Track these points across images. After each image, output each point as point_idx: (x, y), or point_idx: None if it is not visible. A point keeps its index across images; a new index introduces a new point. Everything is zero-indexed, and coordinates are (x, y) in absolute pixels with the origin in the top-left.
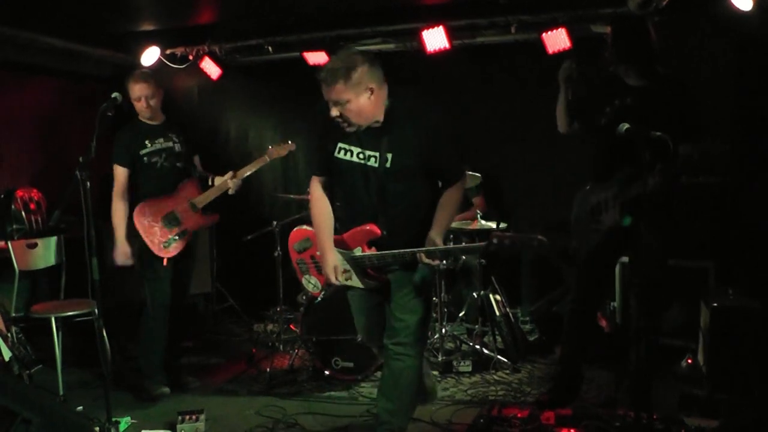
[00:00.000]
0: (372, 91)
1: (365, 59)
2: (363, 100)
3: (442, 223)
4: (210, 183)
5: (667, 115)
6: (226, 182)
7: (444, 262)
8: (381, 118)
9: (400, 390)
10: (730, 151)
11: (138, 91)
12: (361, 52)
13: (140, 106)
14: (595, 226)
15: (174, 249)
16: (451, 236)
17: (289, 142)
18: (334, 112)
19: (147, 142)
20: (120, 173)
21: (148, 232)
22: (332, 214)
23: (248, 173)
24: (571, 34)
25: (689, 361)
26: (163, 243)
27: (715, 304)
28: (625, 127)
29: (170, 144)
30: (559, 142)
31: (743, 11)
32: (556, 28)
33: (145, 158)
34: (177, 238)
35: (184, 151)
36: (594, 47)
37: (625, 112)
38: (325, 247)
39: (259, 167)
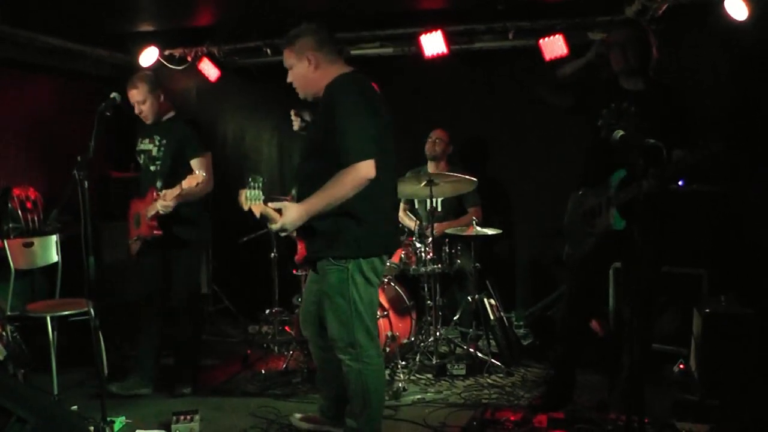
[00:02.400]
0: (311, 62)
1: (314, 32)
2: (303, 68)
3: (310, 199)
4: None
5: (662, 119)
6: (155, 204)
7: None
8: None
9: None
10: (726, 159)
11: (131, 97)
12: (318, 27)
13: (136, 110)
14: (589, 230)
15: (133, 249)
16: (447, 240)
17: (200, 172)
18: (289, 77)
19: (139, 140)
20: None
21: (130, 225)
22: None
23: (175, 195)
24: (569, 41)
25: (681, 366)
26: (131, 240)
27: (708, 311)
28: (619, 134)
29: (150, 146)
30: (557, 147)
31: (739, 20)
32: (554, 34)
33: (136, 156)
34: (135, 239)
35: (161, 155)
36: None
37: (621, 116)
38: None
39: (176, 194)
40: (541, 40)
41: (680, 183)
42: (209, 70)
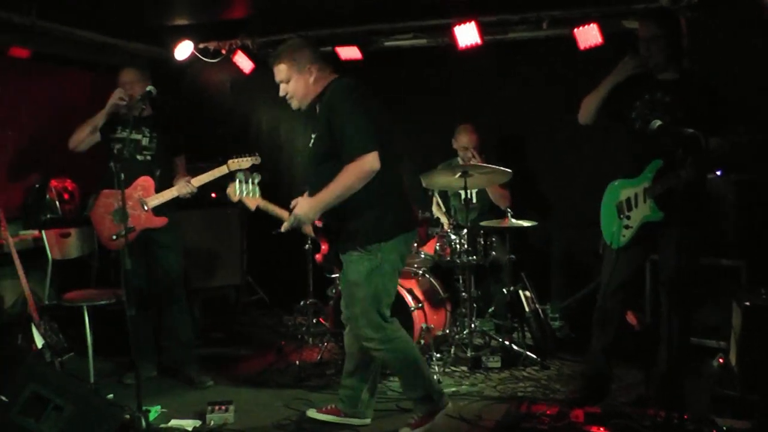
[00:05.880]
0: (312, 73)
1: (309, 44)
2: (304, 81)
3: (319, 195)
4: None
5: (697, 108)
6: (180, 187)
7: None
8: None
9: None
10: (763, 148)
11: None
12: (306, 39)
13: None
14: (626, 222)
15: (117, 245)
16: (482, 231)
17: (256, 155)
18: (281, 91)
19: (119, 129)
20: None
21: (101, 221)
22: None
23: (205, 182)
24: (603, 30)
25: (721, 360)
26: (112, 236)
27: (748, 303)
28: (657, 124)
29: (139, 137)
30: (592, 138)
31: None
32: (588, 23)
33: (111, 143)
34: (123, 233)
35: (154, 147)
36: (625, 43)
37: (656, 107)
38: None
39: (216, 177)
40: (575, 30)
41: (718, 173)
42: (243, 62)
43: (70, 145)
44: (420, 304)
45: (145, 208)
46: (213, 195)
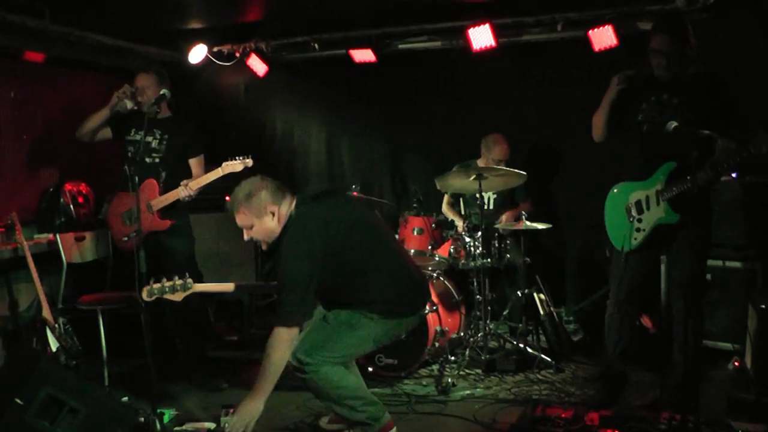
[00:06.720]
0: (275, 214)
1: (265, 185)
2: (268, 223)
3: (257, 386)
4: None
5: (705, 109)
6: (179, 191)
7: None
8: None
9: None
10: None
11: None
12: (261, 177)
13: (140, 99)
14: (636, 224)
15: (127, 246)
16: (496, 234)
17: (249, 157)
18: (245, 236)
19: (133, 131)
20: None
21: (114, 222)
22: None
23: (202, 185)
24: (618, 32)
25: (736, 364)
26: (123, 237)
27: (763, 306)
28: (673, 125)
29: (150, 139)
30: (607, 140)
31: None
32: (603, 25)
33: (125, 146)
34: (133, 235)
35: (163, 149)
36: (640, 44)
37: (664, 108)
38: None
39: (212, 179)
40: (590, 31)
41: (734, 175)
42: (257, 65)
43: (77, 134)
44: (434, 307)
45: (151, 211)
46: (227, 198)
